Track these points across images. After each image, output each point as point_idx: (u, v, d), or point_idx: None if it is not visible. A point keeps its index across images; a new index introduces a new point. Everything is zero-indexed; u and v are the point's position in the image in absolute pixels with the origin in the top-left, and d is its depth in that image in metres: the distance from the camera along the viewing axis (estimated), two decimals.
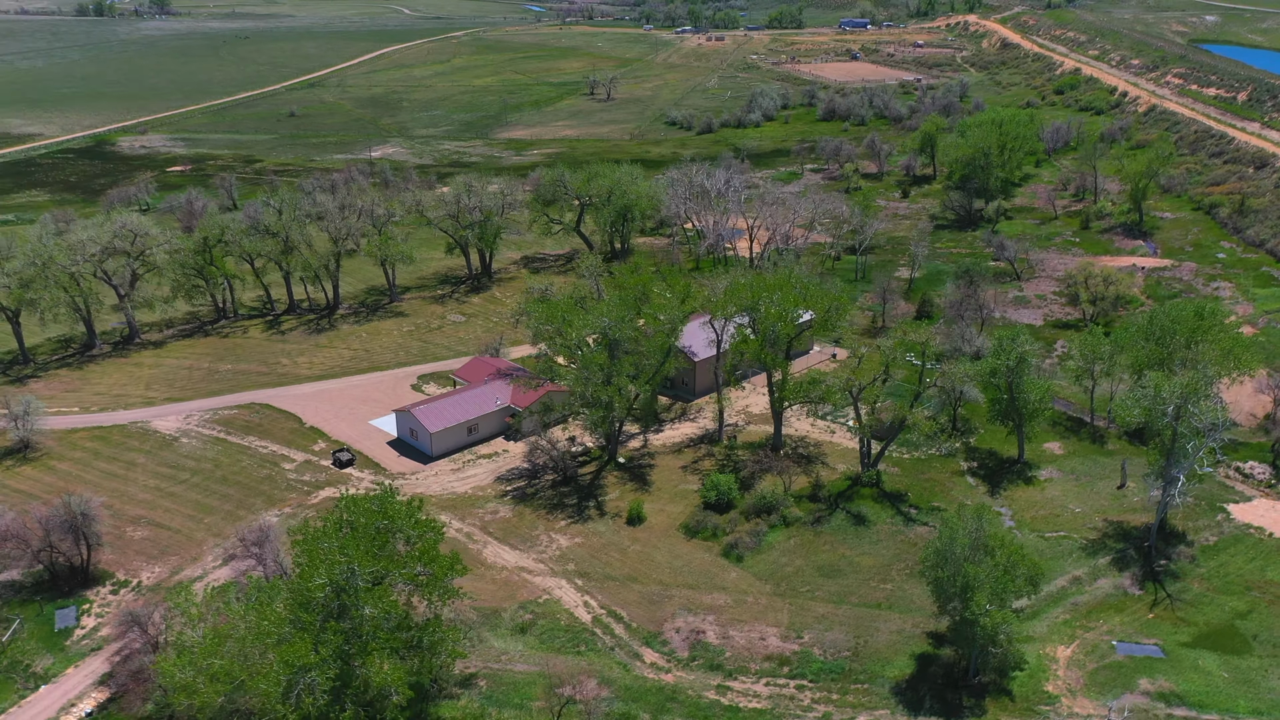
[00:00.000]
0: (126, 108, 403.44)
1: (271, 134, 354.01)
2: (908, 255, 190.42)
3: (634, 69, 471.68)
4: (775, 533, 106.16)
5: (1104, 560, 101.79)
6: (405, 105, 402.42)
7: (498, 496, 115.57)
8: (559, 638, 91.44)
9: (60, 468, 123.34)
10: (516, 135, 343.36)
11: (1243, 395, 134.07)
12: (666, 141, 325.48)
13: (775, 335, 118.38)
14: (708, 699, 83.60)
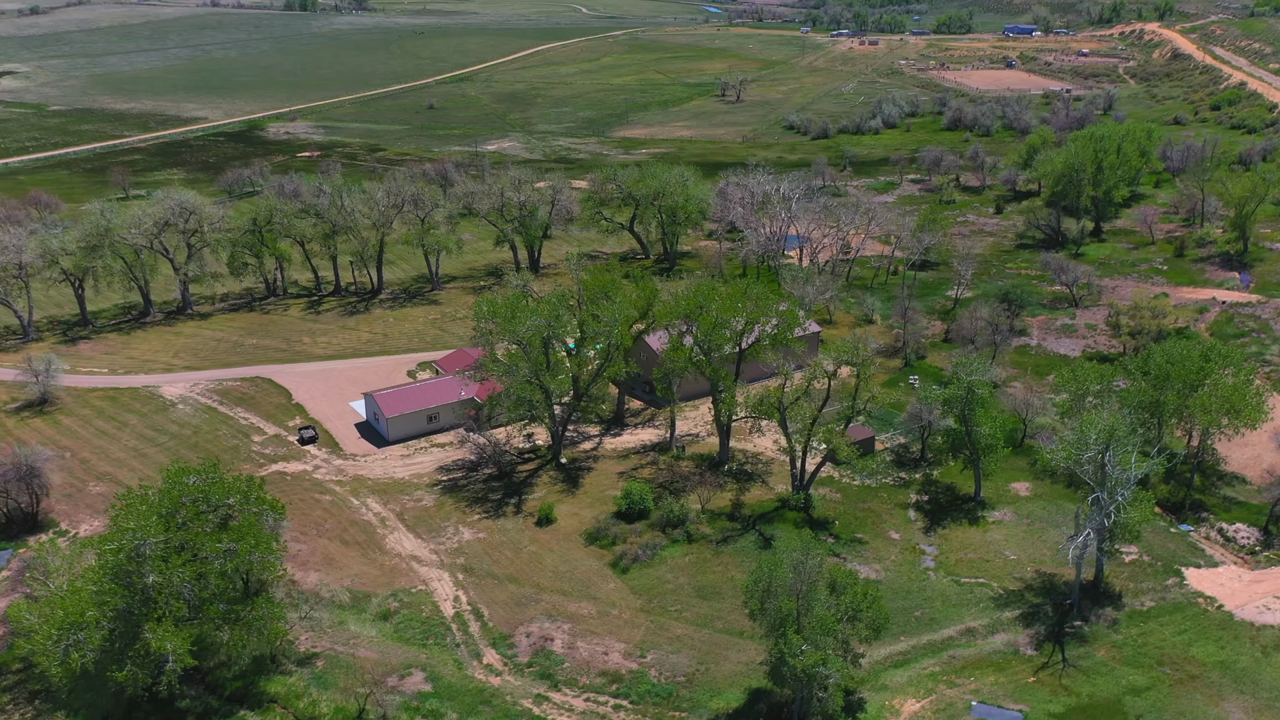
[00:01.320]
0: (287, 96, 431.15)
1: (405, 125, 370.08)
2: (955, 274, 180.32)
3: (775, 72, 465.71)
4: (674, 548, 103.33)
5: (1011, 614, 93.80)
6: (539, 101, 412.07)
7: (429, 485, 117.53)
8: (413, 628, 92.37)
9: (64, 422, 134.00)
10: (633, 134, 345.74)
11: (1261, 447, 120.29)
12: (776, 146, 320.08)
13: (711, 346, 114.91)
14: (521, 707, 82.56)
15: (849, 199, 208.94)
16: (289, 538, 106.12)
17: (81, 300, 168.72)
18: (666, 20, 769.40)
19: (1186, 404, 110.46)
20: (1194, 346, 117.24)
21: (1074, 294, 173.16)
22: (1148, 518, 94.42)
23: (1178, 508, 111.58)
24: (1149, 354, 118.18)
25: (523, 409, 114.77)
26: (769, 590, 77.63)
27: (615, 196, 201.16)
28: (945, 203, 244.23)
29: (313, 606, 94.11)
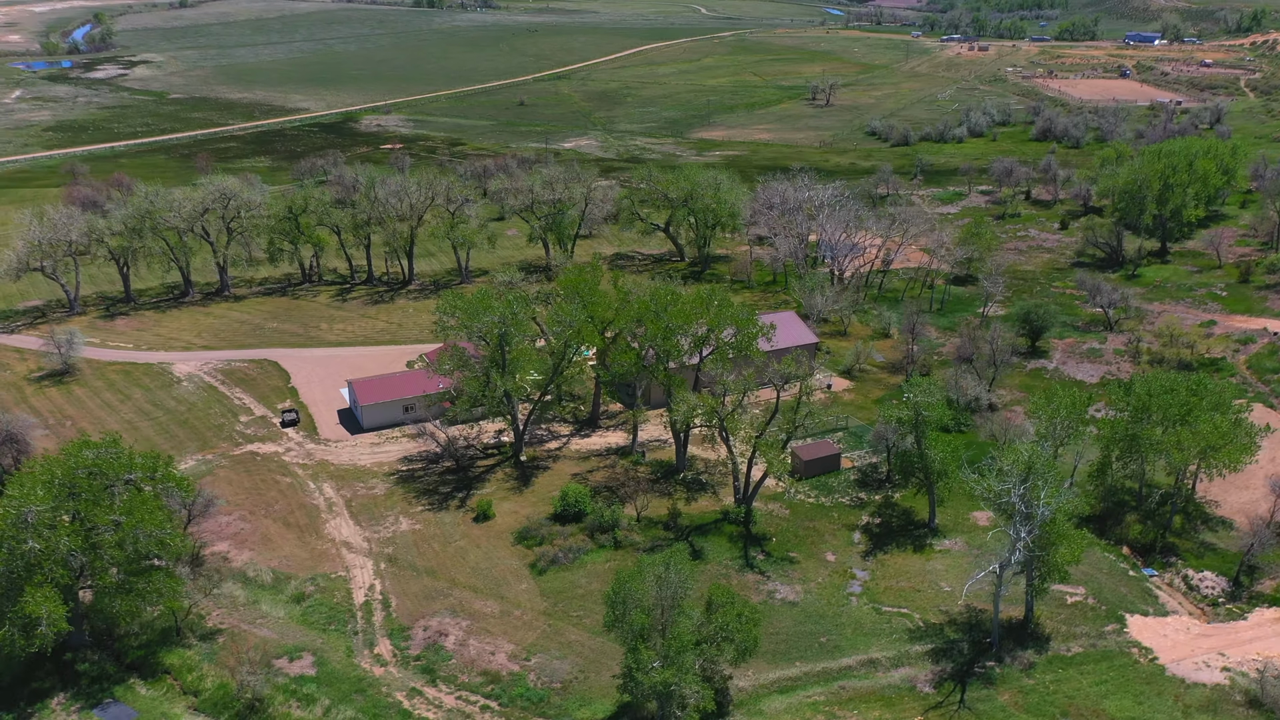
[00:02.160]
0: (389, 89, 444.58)
1: (492, 120, 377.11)
2: (983, 290, 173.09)
3: (874, 76, 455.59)
4: (598, 554, 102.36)
5: (922, 648, 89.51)
6: (628, 100, 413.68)
7: (387, 474, 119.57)
8: (320, 613, 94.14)
9: (76, 392, 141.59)
10: (712, 135, 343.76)
11: (1258, 491, 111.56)
12: (852, 152, 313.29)
13: (663, 352, 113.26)
14: (393, 699, 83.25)
15: (900, 209, 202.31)
16: (237, 516, 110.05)
17: (126, 279, 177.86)
18: (782, 22, 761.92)
19: (1161, 440, 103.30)
20: (1181, 379, 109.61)
21: (1109, 317, 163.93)
22: (1076, 557, 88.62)
23: (1147, 549, 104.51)
24: (1130, 383, 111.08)
25: (472, 404, 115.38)
26: (625, 602, 76.10)
27: (648, 197, 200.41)
28: (1010, 216, 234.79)
29: (235, 584, 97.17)
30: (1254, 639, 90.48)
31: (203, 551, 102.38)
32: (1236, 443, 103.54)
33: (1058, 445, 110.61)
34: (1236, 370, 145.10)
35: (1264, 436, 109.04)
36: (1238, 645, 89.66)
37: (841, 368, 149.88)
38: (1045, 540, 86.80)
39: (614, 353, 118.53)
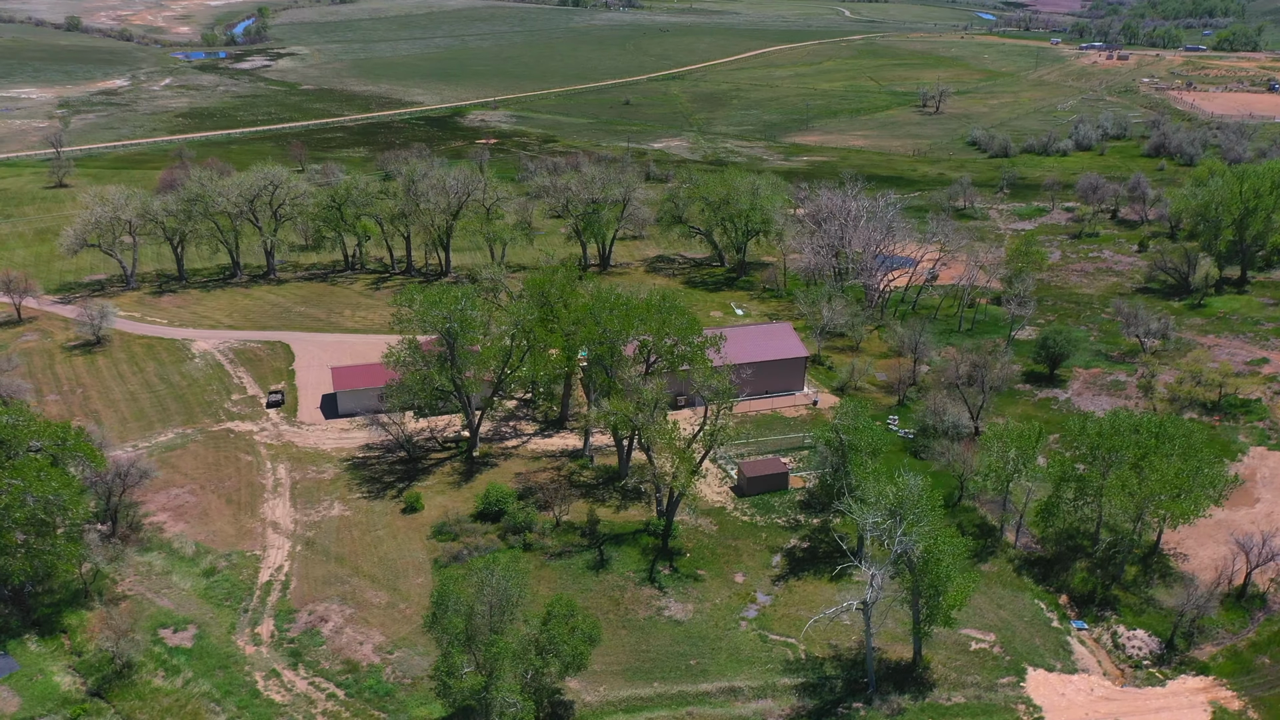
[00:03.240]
0: (505, 85, 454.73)
1: (592, 119, 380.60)
2: (1009, 313, 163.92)
3: (996, 84, 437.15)
4: (504, 554, 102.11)
5: (793, 681, 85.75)
6: (734, 102, 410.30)
7: (342, 460, 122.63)
8: (222, 589, 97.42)
9: (99, 362, 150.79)
10: (805, 140, 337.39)
11: (1228, 547, 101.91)
12: (945, 162, 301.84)
13: (593, 357, 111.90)
14: (250, 679, 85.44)
15: (940, 222, 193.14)
16: (187, 489, 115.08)
17: (179, 258, 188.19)
18: (924, 26, 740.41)
19: (1107, 483, 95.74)
20: (1144, 419, 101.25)
21: (1144, 347, 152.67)
22: (960, 602, 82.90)
23: (1086, 600, 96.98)
24: (1085, 419, 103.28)
25: (400, 398, 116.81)
26: (445, 603, 75.74)
27: (688, 201, 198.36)
28: (1087, 235, 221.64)
29: (159, 554, 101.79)
30: (1162, 709, 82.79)
31: (142, 520, 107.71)
32: (1194, 492, 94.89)
33: (1006, 480, 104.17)
34: (1269, 414, 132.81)
35: (1231, 488, 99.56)
36: (1141, 714, 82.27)
37: (836, 384, 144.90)
38: (932, 581, 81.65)
39: (538, 355, 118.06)
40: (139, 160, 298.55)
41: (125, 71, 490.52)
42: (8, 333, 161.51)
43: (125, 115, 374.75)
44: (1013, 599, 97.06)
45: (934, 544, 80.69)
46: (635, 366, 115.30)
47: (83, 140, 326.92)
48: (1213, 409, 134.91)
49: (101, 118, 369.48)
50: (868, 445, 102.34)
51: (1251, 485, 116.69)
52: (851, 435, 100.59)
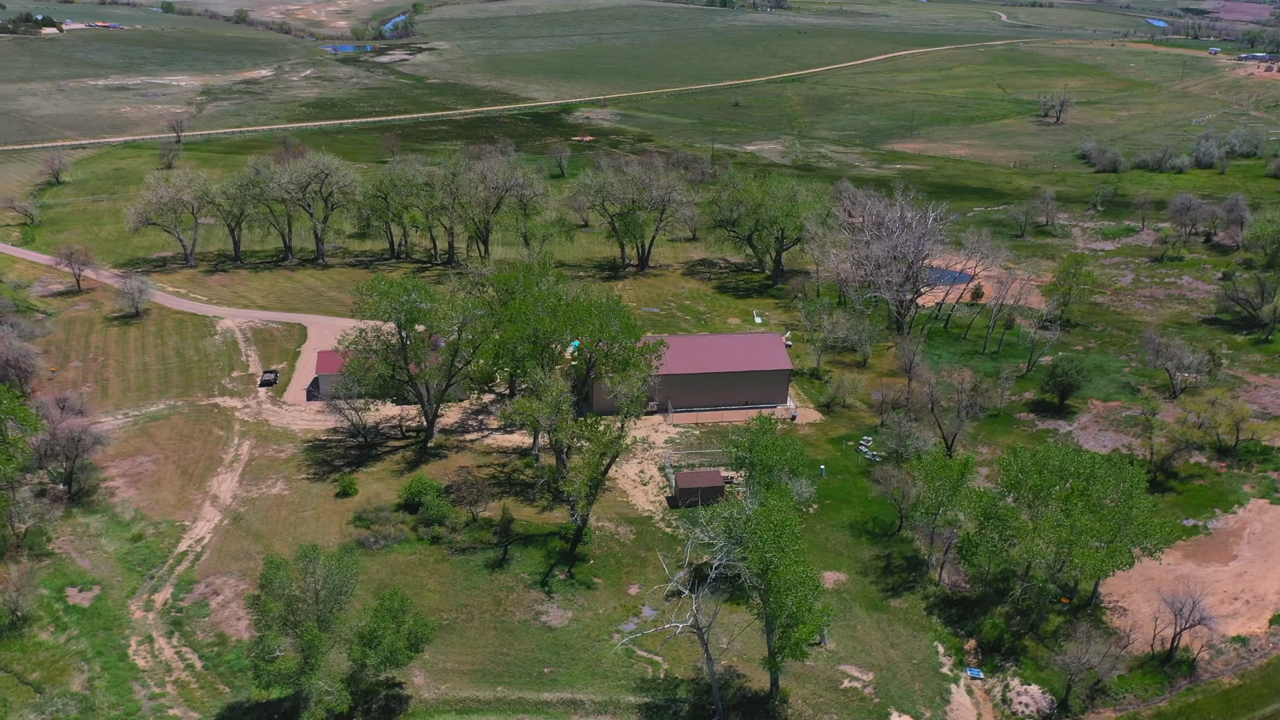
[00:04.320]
0: (624, 84, 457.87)
1: (696, 119, 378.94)
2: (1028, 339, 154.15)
3: (1134, 95, 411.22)
4: (410, 545, 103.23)
5: (639, 700, 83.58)
6: (845, 107, 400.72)
7: (304, 441, 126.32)
8: (140, 555, 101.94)
9: (130, 333, 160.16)
10: (905, 148, 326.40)
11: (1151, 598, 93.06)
12: (1046, 175, 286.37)
13: (522, 355, 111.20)
14: (125, 642, 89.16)
15: (978, 238, 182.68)
16: (152, 459, 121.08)
17: (236, 240, 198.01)
18: (1082, 33, 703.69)
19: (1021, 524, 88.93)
20: (1076, 457, 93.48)
21: (1173, 382, 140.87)
22: (808, 637, 78.34)
23: (993, 648, 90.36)
24: (1015, 452, 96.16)
25: (343, 386, 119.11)
26: (269, 587, 77.03)
27: (729, 205, 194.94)
28: (1170, 259, 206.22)
29: (102, 516, 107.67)
30: None
31: (99, 484, 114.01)
32: (1117, 544, 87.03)
33: (934, 511, 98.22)
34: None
35: (1162, 550, 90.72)
36: None
37: (824, 400, 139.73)
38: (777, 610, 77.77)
39: (479, 351, 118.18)
40: (251, 146, 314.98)
41: (273, 62, 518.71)
42: (64, 301, 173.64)
43: (256, 104, 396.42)
44: (910, 639, 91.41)
45: (777, 572, 76.66)
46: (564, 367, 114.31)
47: (209, 126, 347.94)
48: (1226, 454, 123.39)
49: (235, 105, 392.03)
50: (777, 462, 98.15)
51: (1234, 541, 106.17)
52: (758, 451, 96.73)
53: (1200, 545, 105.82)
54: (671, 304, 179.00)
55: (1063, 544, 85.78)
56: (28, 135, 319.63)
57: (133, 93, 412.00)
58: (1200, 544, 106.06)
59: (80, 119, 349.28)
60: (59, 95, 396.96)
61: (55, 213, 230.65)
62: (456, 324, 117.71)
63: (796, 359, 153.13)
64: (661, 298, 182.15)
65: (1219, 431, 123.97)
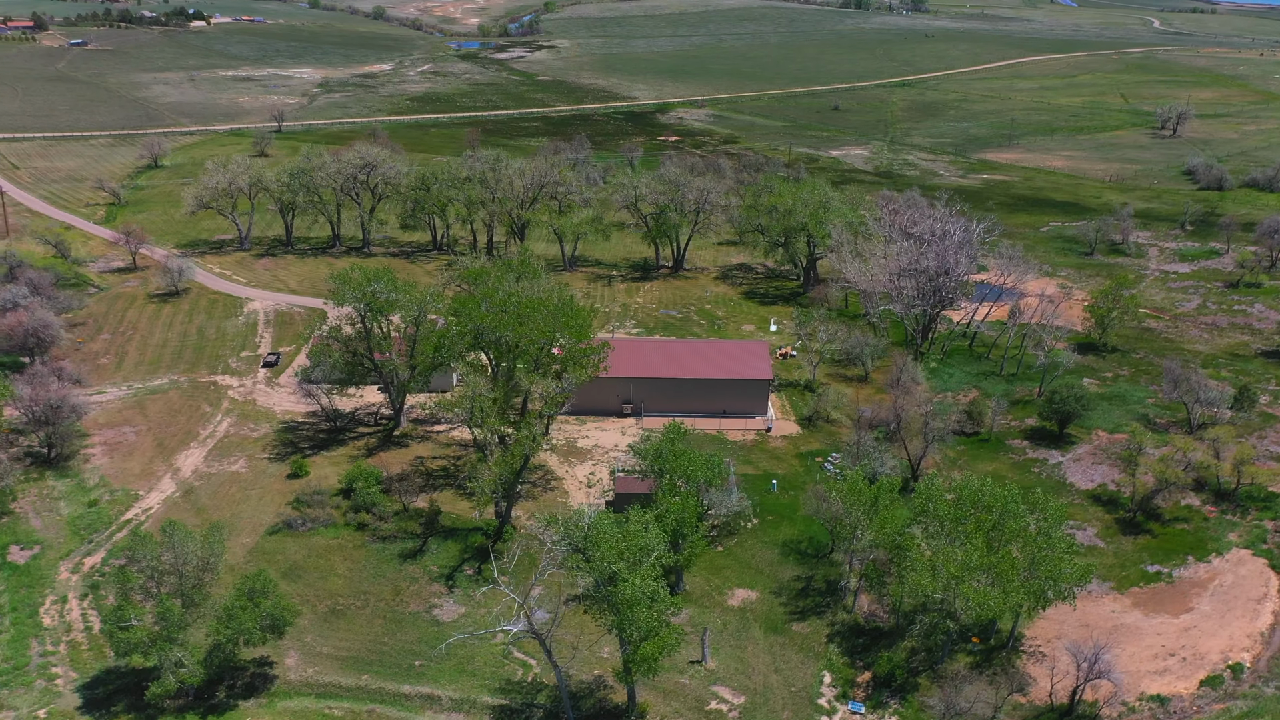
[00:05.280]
0: (728, 85, 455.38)
1: (790, 122, 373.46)
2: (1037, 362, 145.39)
3: (1268, 108, 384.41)
4: (334, 530, 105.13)
5: (496, 702, 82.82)
6: (949, 114, 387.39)
7: (281, 422, 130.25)
8: (86, 520, 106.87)
9: (165, 310, 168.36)
10: (998, 158, 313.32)
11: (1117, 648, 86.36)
12: (1142, 191, 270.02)
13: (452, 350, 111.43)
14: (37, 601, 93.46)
15: (1009, 253, 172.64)
16: (134, 430, 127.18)
17: (288, 226, 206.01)
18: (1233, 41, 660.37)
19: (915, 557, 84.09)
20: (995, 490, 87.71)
21: (1191, 416, 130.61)
22: (653, 655, 75.79)
23: (885, 683, 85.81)
24: (928, 480, 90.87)
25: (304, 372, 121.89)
26: (133, 558, 79.70)
27: (767, 209, 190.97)
28: (1247, 285, 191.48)
29: (70, 480, 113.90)
30: None
31: (79, 450, 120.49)
32: (1013, 585, 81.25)
33: (849, 535, 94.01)
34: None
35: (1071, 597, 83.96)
36: None
37: (806, 413, 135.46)
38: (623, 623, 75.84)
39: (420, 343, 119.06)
40: (344, 137, 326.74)
41: (395, 57, 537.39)
42: (118, 277, 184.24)
43: (365, 96, 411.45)
44: (800, 666, 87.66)
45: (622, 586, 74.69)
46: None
47: (315, 116, 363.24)
48: (1224, 497, 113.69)
49: (345, 98, 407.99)
50: (692, 473, 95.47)
51: (1196, 592, 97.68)
52: (664, 460, 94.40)
53: (1156, 594, 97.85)
54: (691, 307, 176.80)
55: (952, 579, 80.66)
56: (146, 121, 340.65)
57: (255, 84, 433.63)
58: (1156, 592, 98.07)
59: (198, 107, 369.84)
60: (187, 85, 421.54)
61: (142, 194, 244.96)
62: (414, 316, 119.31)
63: (796, 370, 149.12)
64: (684, 301, 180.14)
65: (1220, 473, 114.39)
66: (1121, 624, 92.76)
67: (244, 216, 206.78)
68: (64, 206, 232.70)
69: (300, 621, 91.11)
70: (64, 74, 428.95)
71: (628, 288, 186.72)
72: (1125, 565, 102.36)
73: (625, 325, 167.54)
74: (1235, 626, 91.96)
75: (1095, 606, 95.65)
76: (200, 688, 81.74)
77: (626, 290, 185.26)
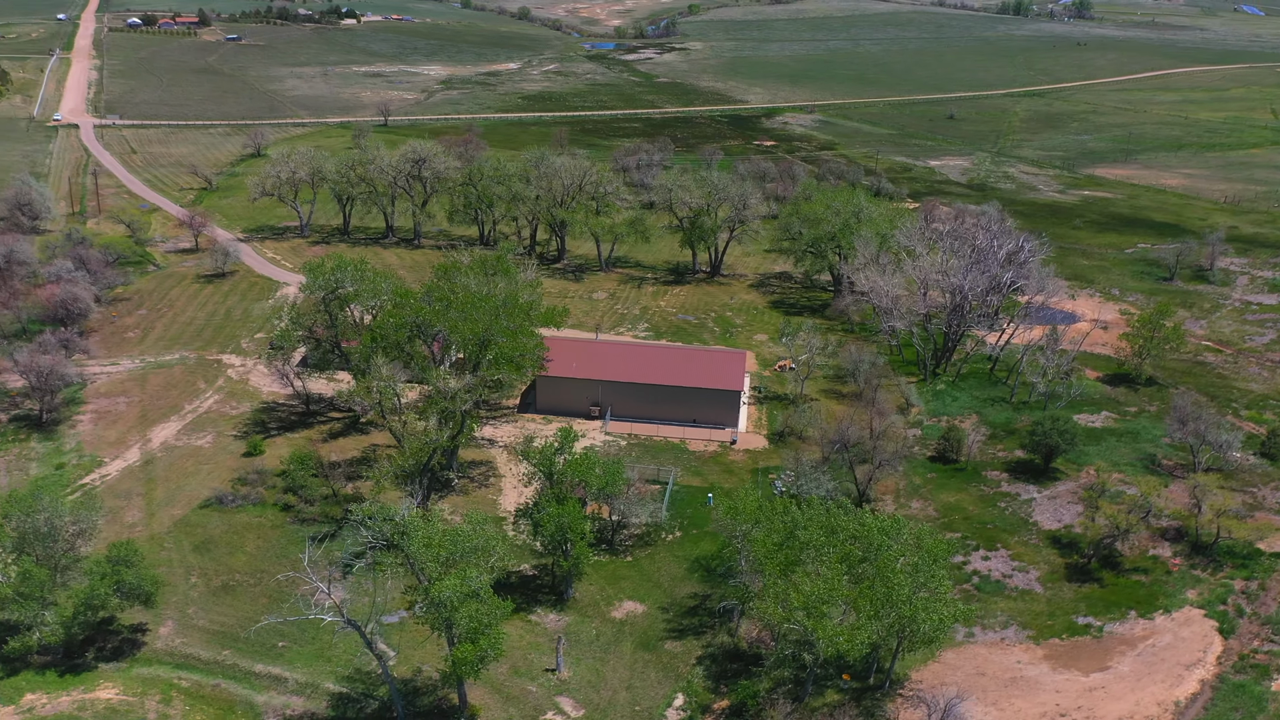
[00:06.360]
0: (847, 90, 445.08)
1: (897, 130, 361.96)
2: None
3: None
4: (259, 509, 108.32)
5: (338, 689, 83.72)
6: (1071, 125, 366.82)
7: (263, 402, 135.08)
8: (49, 480, 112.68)
9: (206, 289, 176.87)
10: (1109, 173, 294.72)
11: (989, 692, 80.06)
12: (1256, 214, 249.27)
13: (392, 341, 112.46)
14: None
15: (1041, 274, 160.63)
16: (128, 401, 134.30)
17: (346, 216, 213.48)
18: None
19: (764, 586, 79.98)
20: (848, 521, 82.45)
21: (1195, 460, 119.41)
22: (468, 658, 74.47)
23: (737, 712, 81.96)
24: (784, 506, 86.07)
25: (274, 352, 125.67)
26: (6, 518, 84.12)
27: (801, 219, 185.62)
28: None
29: (49, 444, 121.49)
30: None
31: (69, 416, 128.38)
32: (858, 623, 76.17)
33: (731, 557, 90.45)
34: (1266, 577, 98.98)
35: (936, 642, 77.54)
36: None
37: (777, 428, 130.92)
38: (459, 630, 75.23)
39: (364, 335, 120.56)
40: (444, 132, 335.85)
41: (526, 57, 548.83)
42: (179, 257, 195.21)
43: (481, 94, 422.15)
44: (656, 685, 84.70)
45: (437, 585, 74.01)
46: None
47: (426, 112, 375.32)
48: (1201, 550, 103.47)
49: (461, 95, 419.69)
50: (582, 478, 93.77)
51: (1122, 650, 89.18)
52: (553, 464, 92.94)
53: (1075, 648, 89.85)
54: (711, 314, 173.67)
55: (798, 609, 76.20)
56: (268, 112, 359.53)
57: (383, 80, 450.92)
58: (1076, 646, 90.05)
59: (320, 100, 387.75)
60: (319, 79, 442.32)
61: (234, 181, 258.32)
62: (370, 306, 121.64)
63: (791, 384, 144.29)
64: (706, 307, 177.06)
65: (1199, 523, 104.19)
66: (1021, 676, 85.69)
67: (306, 205, 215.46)
68: (160, 190, 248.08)
69: (190, 593, 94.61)
70: (211, 66, 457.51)
71: (656, 290, 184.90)
72: (1055, 614, 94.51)
73: (637, 328, 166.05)
74: (1149, 692, 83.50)
75: (1001, 655, 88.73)
76: (75, 648, 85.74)
77: (654, 293, 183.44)
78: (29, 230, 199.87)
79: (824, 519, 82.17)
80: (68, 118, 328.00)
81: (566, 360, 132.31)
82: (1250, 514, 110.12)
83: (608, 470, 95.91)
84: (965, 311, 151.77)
